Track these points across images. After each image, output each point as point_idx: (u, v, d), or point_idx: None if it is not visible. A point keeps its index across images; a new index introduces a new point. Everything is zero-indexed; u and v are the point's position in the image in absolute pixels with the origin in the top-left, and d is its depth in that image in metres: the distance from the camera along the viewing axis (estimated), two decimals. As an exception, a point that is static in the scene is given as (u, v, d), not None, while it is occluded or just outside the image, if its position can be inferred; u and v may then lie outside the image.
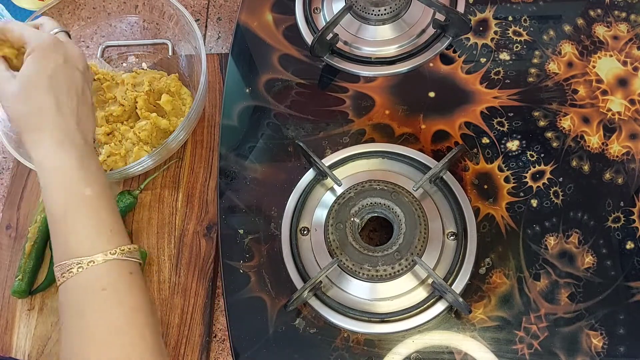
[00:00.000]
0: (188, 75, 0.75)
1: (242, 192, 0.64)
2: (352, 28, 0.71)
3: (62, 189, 0.50)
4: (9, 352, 0.64)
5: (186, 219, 0.68)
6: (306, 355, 0.56)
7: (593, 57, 0.67)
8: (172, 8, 0.72)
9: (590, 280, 0.56)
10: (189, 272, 0.65)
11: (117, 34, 0.79)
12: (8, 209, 0.71)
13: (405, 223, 0.58)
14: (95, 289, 0.48)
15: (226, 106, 0.69)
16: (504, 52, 0.68)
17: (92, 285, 0.48)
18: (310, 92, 0.69)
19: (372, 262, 0.56)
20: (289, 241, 0.60)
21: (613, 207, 0.59)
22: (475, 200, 0.61)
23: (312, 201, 0.63)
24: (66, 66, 0.53)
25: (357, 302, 0.57)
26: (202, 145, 0.72)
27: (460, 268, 0.57)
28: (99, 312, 0.47)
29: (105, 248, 0.49)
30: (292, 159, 0.65)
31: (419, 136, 0.65)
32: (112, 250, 0.49)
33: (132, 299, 0.49)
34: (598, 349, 0.54)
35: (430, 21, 0.70)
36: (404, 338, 0.56)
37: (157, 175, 0.71)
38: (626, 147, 0.62)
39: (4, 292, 0.67)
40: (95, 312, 0.47)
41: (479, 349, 0.55)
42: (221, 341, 0.64)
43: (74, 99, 0.53)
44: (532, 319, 0.55)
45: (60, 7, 0.73)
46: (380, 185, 0.60)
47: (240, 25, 0.74)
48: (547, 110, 0.64)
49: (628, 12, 0.69)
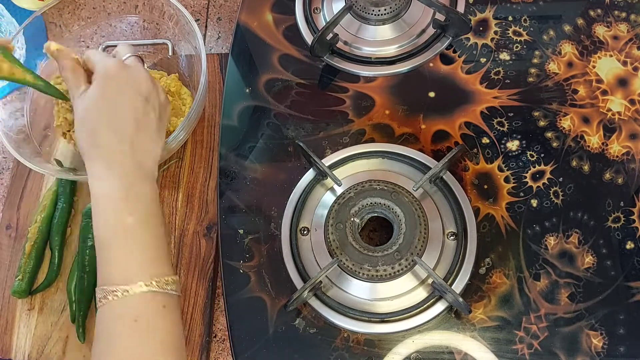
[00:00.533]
0: (188, 75, 0.75)
1: (242, 192, 0.64)
2: (352, 28, 0.71)
3: (105, 216, 0.51)
4: (9, 352, 0.64)
5: (186, 219, 0.68)
6: (306, 355, 0.56)
7: (593, 57, 0.67)
8: (172, 8, 0.72)
9: (590, 280, 0.56)
10: (189, 272, 0.65)
11: (117, 34, 0.80)
12: (8, 209, 0.71)
13: (405, 223, 0.58)
14: (127, 319, 0.48)
15: (226, 106, 0.69)
16: (504, 52, 0.68)
17: (125, 314, 0.48)
18: (310, 92, 0.69)
19: (372, 262, 0.56)
20: (289, 241, 0.60)
21: (613, 207, 0.59)
22: (475, 200, 0.61)
23: (312, 201, 0.63)
24: (126, 91, 0.54)
25: (357, 302, 0.57)
26: (202, 145, 0.72)
27: (460, 268, 0.57)
28: (128, 342, 0.48)
29: (142, 279, 0.49)
30: (292, 159, 0.65)
31: (419, 136, 0.65)
32: (147, 282, 0.49)
33: (162, 333, 0.49)
34: (598, 349, 0.54)
35: (430, 21, 0.70)
36: (404, 338, 0.56)
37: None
38: (626, 147, 0.62)
39: (4, 292, 0.67)
40: (124, 342, 0.48)
41: (479, 349, 0.55)
42: (221, 341, 0.64)
43: (131, 124, 0.53)
44: (532, 319, 0.55)
45: (60, 7, 0.73)
46: (380, 185, 0.60)
47: (240, 25, 0.74)
48: (547, 110, 0.64)
49: (628, 12, 0.69)
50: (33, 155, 0.67)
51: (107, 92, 0.53)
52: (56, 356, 0.63)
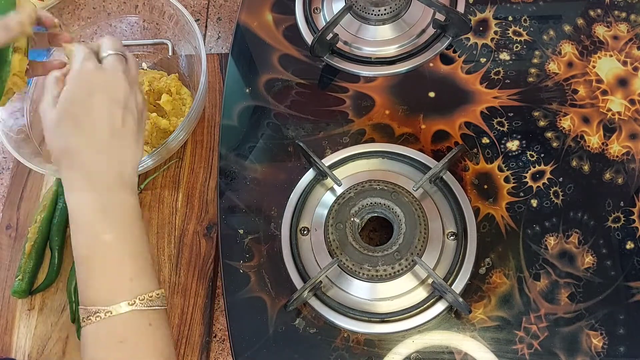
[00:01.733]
0: (188, 75, 0.75)
1: (242, 192, 0.64)
2: (352, 28, 0.71)
3: (83, 233, 0.48)
4: (9, 352, 0.64)
5: (186, 219, 0.68)
6: (306, 355, 0.56)
7: (593, 57, 0.67)
8: (172, 8, 0.72)
9: (590, 280, 0.56)
10: (189, 272, 0.65)
11: (117, 34, 0.79)
12: (8, 209, 0.71)
13: (405, 223, 0.58)
14: (113, 342, 0.46)
15: (226, 106, 0.69)
16: (504, 52, 0.68)
17: (110, 337, 0.46)
18: (310, 92, 0.69)
19: (372, 262, 0.56)
20: (289, 241, 0.60)
21: (613, 207, 0.59)
22: (475, 200, 0.61)
23: (312, 201, 0.63)
24: (102, 97, 0.50)
25: (357, 302, 0.57)
26: (202, 145, 0.72)
27: (460, 268, 0.57)
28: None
29: (124, 298, 0.46)
30: (292, 159, 0.65)
31: (419, 136, 0.65)
32: (130, 301, 0.46)
33: (151, 352, 0.47)
34: (598, 349, 0.54)
35: (430, 21, 0.70)
36: (404, 338, 0.56)
37: (157, 175, 0.71)
38: (626, 147, 0.62)
39: (4, 292, 0.67)
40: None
41: (479, 349, 0.55)
42: (221, 341, 0.64)
43: (108, 132, 0.49)
44: (532, 319, 0.55)
45: (60, 7, 0.73)
46: (380, 185, 0.60)
47: (240, 25, 0.74)
48: (547, 110, 0.64)
49: (628, 12, 0.69)
50: (33, 155, 0.67)
51: (79, 97, 0.49)
52: (56, 356, 0.63)
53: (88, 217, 0.48)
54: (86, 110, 0.49)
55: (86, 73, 0.50)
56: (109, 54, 0.52)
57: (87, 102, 0.49)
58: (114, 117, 0.50)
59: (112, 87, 0.51)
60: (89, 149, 0.49)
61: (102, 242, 0.47)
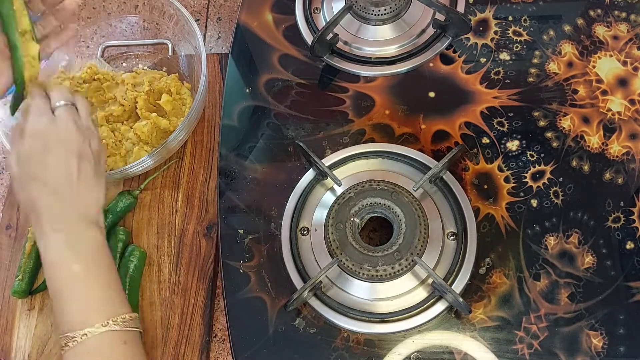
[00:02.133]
0: (188, 75, 0.75)
1: (242, 192, 0.64)
2: (352, 28, 0.71)
3: (53, 268, 0.51)
4: (9, 352, 0.64)
5: (186, 219, 0.68)
6: (306, 355, 0.56)
7: (593, 57, 0.67)
8: (172, 8, 0.72)
9: (590, 280, 0.56)
10: (189, 272, 0.65)
11: (117, 34, 0.80)
12: (8, 209, 0.71)
13: (405, 223, 0.58)
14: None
15: (226, 106, 0.69)
16: (504, 52, 0.68)
17: (88, 356, 0.50)
18: (310, 92, 0.69)
19: (372, 262, 0.56)
20: (289, 241, 0.60)
21: (613, 207, 0.59)
22: (475, 200, 0.61)
23: (312, 201, 0.63)
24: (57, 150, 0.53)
25: (357, 302, 0.57)
26: (202, 145, 0.72)
27: (460, 268, 0.57)
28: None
29: (98, 320, 0.50)
30: (292, 159, 0.65)
31: (419, 136, 0.65)
32: (104, 322, 0.50)
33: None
34: (598, 349, 0.54)
35: (430, 21, 0.70)
36: (404, 338, 0.56)
37: (157, 175, 0.71)
38: (626, 147, 0.62)
39: (4, 292, 0.67)
40: None
41: (479, 349, 0.55)
42: (221, 341, 0.64)
43: (67, 181, 0.52)
44: (532, 319, 0.55)
45: (60, 7, 0.72)
46: (380, 185, 0.60)
47: (240, 25, 0.74)
48: (547, 110, 0.64)
49: (628, 12, 0.69)
50: (33, 155, 0.67)
51: (36, 154, 0.52)
52: (56, 356, 0.63)
53: (57, 254, 0.51)
54: (43, 166, 0.52)
55: (40, 129, 0.53)
56: (60, 105, 0.55)
57: (44, 158, 0.53)
58: (70, 168, 0.53)
59: (65, 140, 0.53)
60: (50, 198, 0.52)
61: (72, 273, 0.51)
